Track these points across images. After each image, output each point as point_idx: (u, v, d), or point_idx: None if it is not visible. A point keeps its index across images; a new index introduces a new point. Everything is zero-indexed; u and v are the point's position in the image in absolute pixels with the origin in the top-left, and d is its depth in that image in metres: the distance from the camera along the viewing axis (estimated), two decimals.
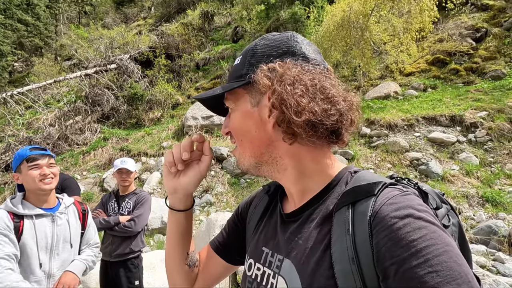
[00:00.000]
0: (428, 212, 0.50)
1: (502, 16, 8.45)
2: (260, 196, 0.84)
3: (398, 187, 0.56)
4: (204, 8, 14.52)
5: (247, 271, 0.73)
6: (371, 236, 0.50)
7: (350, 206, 0.56)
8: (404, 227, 0.47)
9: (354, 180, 0.61)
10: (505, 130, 5.86)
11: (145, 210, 2.80)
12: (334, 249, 0.54)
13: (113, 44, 13.35)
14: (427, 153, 6.01)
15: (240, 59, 0.70)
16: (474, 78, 7.70)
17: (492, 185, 5.17)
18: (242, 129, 0.68)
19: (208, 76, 11.52)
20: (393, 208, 0.50)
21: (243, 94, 0.67)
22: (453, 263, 0.44)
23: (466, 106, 6.48)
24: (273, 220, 0.74)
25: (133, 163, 2.88)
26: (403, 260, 0.45)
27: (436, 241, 0.46)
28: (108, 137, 9.74)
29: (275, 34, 0.69)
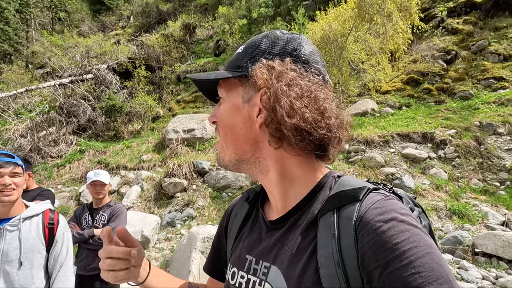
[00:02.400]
0: (410, 215, 0.52)
1: (470, 40, 9.13)
2: (240, 204, 0.82)
3: (381, 192, 0.57)
4: (185, 20, 14.57)
5: (230, 280, 0.71)
6: (356, 240, 0.51)
7: (335, 211, 0.56)
8: (388, 230, 0.49)
9: (338, 185, 0.62)
10: (471, 147, 6.29)
11: (121, 222, 2.77)
12: (320, 254, 0.54)
13: (90, 53, 13.04)
14: (401, 168, 6.31)
15: (242, 49, 0.68)
16: (445, 98, 8.22)
17: (459, 199, 5.51)
18: (228, 122, 0.66)
19: (190, 89, 11.51)
20: (378, 212, 0.52)
21: (236, 86, 0.66)
22: (435, 264, 0.46)
23: (437, 124, 6.90)
24: (255, 227, 0.73)
25: (107, 175, 2.86)
26: (387, 262, 0.47)
27: (418, 243, 0.47)
28: (84, 149, 9.43)
29: (284, 32, 0.68)
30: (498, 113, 6.85)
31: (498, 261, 3.77)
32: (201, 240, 4.70)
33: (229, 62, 0.70)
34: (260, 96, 0.62)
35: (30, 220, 1.65)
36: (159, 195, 7.08)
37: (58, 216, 1.77)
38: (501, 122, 6.58)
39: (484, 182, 5.87)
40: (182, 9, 17.58)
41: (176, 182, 6.97)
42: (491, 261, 3.84)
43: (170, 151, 8.13)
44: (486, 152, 6.19)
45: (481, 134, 6.51)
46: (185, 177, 7.09)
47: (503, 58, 8.44)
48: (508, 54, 8.43)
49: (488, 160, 6.12)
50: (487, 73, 8.28)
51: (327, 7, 9.03)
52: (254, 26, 12.14)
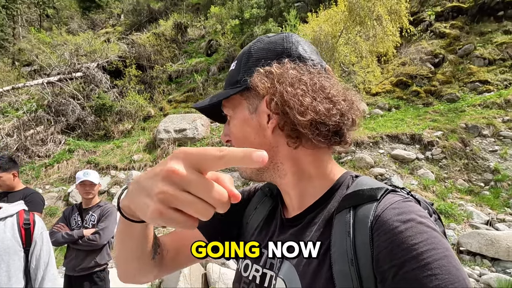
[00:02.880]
0: (428, 218, 0.51)
1: (457, 44, 9.36)
2: (260, 198, 0.81)
3: (400, 193, 0.57)
4: (177, 19, 14.49)
5: (242, 272, 0.71)
6: (371, 239, 0.51)
7: (352, 209, 0.56)
8: (406, 231, 0.48)
9: (355, 185, 0.62)
10: (457, 149, 6.47)
11: (111, 223, 2.76)
12: (334, 250, 0.54)
13: (79, 51, 12.85)
14: (390, 169, 6.43)
15: (235, 64, 0.69)
16: (433, 100, 8.42)
17: (446, 199, 5.66)
18: (242, 137, 0.67)
19: (181, 89, 11.46)
20: (396, 213, 0.51)
21: (240, 101, 0.66)
22: (452, 268, 0.45)
23: (425, 126, 7.06)
24: (273, 223, 0.74)
25: (96, 175, 2.85)
26: (403, 262, 0.46)
27: (436, 246, 0.46)
28: (73, 149, 9.29)
29: (270, 36, 0.69)
30: (483, 116, 7.06)
31: (482, 259, 3.90)
32: None
33: (226, 81, 0.71)
34: (266, 102, 0.62)
35: (4, 221, 1.62)
36: None
37: (34, 217, 1.73)
38: (486, 124, 6.78)
39: (469, 183, 6.04)
40: (173, 8, 17.47)
41: None
42: (475, 259, 3.97)
43: (162, 151, 8.09)
44: (472, 154, 6.37)
45: (466, 136, 6.69)
46: None
47: (488, 62, 8.69)
48: (492, 59, 8.69)
49: (473, 161, 6.30)
50: (473, 76, 8.51)
51: (318, 9, 9.14)
52: (246, 27, 12.17)
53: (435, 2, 10.47)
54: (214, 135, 8.44)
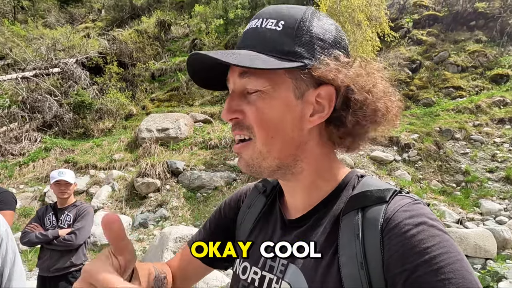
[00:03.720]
0: (439, 221, 0.50)
1: (433, 51, 9.80)
2: (254, 195, 0.77)
3: (409, 195, 0.55)
4: (160, 17, 14.28)
5: (240, 274, 0.68)
6: (382, 242, 0.50)
7: (359, 211, 0.54)
8: (418, 234, 0.47)
9: (361, 185, 0.60)
10: (431, 151, 6.78)
11: (87, 223, 2.74)
12: (342, 253, 0.53)
13: (57, 46, 12.42)
14: (369, 170, 6.66)
15: (281, 26, 0.56)
16: (410, 104, 8.77)
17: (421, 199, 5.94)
18: (277, 123, 0.56)
19: (165, 88, 11.32)
20: (407, 216, 0.50)
21: (285, 79, 0.56)
22: (465, 272, 0.44)
23: (402, 129, 7.35)
24: (271, 223, 0.70)
25: (72, 174, 2.82)
26: (416, 266, 0.45)
27: (449, 249, 0.46)
28: (50, 147, 8.98)
29: (321, 14, 0.60)
30: (456, 120, 7.44)
31: None
32: (173, 240, 4.71)
33: (262, 41, 0.56)
34: (319, 93, 0.56)
35: None
36: (131, 195, 6.93)
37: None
38: (458, 128, 7.15)
39: (442, 184, 6.36)
40: (157, 5, 17.19)
41: (149, 182, 6.86)
42: None
43: (143, 151, 7.97)
44: (445, 156, 6.71)
45: (440, 139, 7.03)
46: (158, 177, 7.00)
47: (461, 69, 9.16)
48: (465, 66, 9.15)
49: (446, 163, 6.63)
50: (447, 82, 8.94)
51: None
52: (230, 27, 12.18)
53: (413, 10, 10.90)
54: (197, 135, 8.41)
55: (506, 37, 9.27)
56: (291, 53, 0.54)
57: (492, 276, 3.35)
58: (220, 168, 7.13)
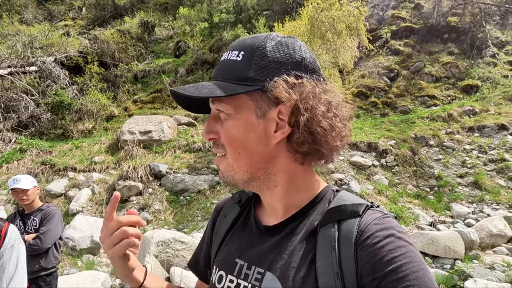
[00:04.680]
0: (405, 233, 0.56)
1: (410, 61, 10.26)
2: (230, 205, 0.81)
3: (379, 209, 0.60)
4: (143, 18, 14.12)
5: (216, 283, 0.70)
6: (356, 253, 0.54)
7: (335, 224, 0.58)
8: (387, 245, 0.52)
9: (337, 199, 0.64)
10: (407, 157, 7.11)
11: (52, 226, 2.73)
12: (319, 263, 0.56)
13: (34, 44, 12.03)
14: (348, 174, 6.88)
15: (242, 56, 0.62)
16: (389, 111, 9.14)
17: (397, 203, 6.20)
18: (242, 141, 0.62)
19: (148, 89, 11.19)
20: (378, 228, 0.55)
21: (246, 101, 0.61)
22: (427, 279, 0.49)
23: (380, 135, 7.66)
24: (246, 231, 0.72)
25: (29, 179, 2.78)
26: (385, 274, 0.50)
27: (413, 259, 0.51)
28: (26, 148, 8.67)
29: (283, 36, 0.65)
30: (430, 127, 7.83)
31: (424, 257, 4.37)
32: (155, 244, 4.69)
33: (223, 70, 0.64)
34: (279, 110, 0.60)
35: None
36: None
37: (8, 227, 1.63)
38: (432, 135, 7.54)
39: (417, 188, 6.67)
40: (140, 6, 16.97)
41: (131, 185, 6.79)
42: None
43: (125, 153, 7.86)
44: (419, 162, 7.04)
45: (415, 145, 7.38)
46: (140, 180, 6.93)
47: (435, 79, 9.65)
48: (439, 76, 9.66)
49: (421, 169, 6.96)
50: (423, 91, 9.39)
51: (285, 19, 9.49)
52: (215, 31, 12.23)
53: (391, 22, 11.38)
54: (181, 138, 8.38)
55: (476, 50, 9.87)
56: (248, 79, 0.60)
57: (459, 275, 3.60)
58: (203, 171, 7.16)
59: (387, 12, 11.53)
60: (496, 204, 5.66)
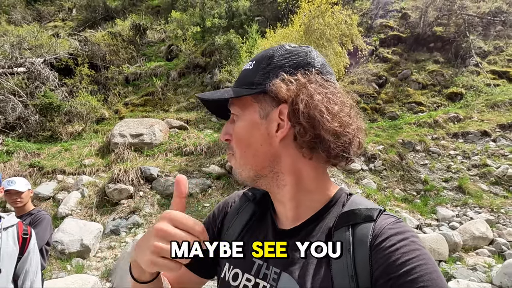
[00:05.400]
0: (418, 237, 0.58)
1: (397, 69, 10.55)
2: (243, 202, 0.81)
3: (392, 214, 0.62)
4: (135, 20, 14.09)
5: (231, 281, 0.69)
6: (370, 257, 0.56)
7: (350, 227, 0.60)
8: (401, 248, 0.54)
9: (350, 203, 0.65)
10: (395, 162, 7.30)
11: (41, 230, 2.67)
12: (334, 266, 0.58)
13: (23, 44, 11.87)
14: (338, 178, 7.02)
15: (253, 65, 0.68)
16: (377, 117, 9.36)
17: (385, 206, 6.36)
18: (247, 140, 0.66)
19: (139, 92, 11.15)
20: (392, 233, 0.57)
21: (251, 103, 0.66)
22: (439, 281, 0.51)
23: (369, 140, 7.84)
24: (262, 230, 0.73)
25: (23, 182, 2.77)
26: (400, 276, 0.52)
27: (427, 261, 0.53)
28: (13, 150, 8.51)
29: (293, 46, 0.69)
30: (417, 133, 8.06)
31: None
32: None
33: (239, 79, 0.70)
34: (279, 112, 0.63)
35: (7, 230, 1.85)
36: (102, 201, 6.77)
37: (31, 229, 2.01)
38: (419, 140, 7.76)
39: (404, 192, 6.85)
40: (132, 8, 16.94)
41: (121, 189, 6.75)
42: None
43: (116, 156, 7.82)
44: (407, 166, 7.24)
45: (403, 150, 7.59)
46: (131, 183, 6.91)
47: (422, 86, 9.95)
48: (425, 83, 9.96)
49: (408, 173, 7.16)
50: (410, 98, 9.66)
51: (277, 25, 9.65)
52: (207, 35, 12.31)
53: (379, 30, 11.70)
54: (173, 141, 8.39)
55: (460, 59, 10.23)
56: (254, 83, 0.65)
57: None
58: (195, 175, 7.18)
59: (376, 20, 11.85)
60: (479, 208, 5.87)
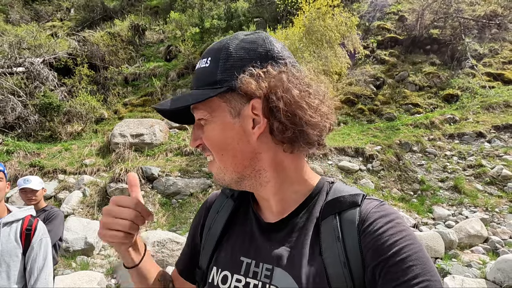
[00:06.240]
0: (402, 218, 0.59)
1: (394, 70, 10.71)
2: (221, 200, 0.78)
3: (374, 197, 0.64)
4: (134, 21, 14.13)
5: (220, 284, 0.67)
6: (360, 241, 0.57)
7: (337, 215, 0.61)
8: (388, 230, 0.56)
9: (334, 191, 0.66)
10: (392, 162, 7.44)
11: (55, 226, 2.78)
12: (326, 255, 0.58)
13: (21, 44, 11.89)
14: (337, 178, 7.15)
15: (209, 62, 0.63)
16: (375, 118, 9.50)
17: None
18: (222, 142, 0.63)
19: (138, 92, 11.20)
20: (378, 216, 0.58)
21: (219, 104, 0.62)
22: (426, 259, 0.53)
23: (367, 141, 7.97)
24: (247, 227, 0.71)
25: (38, 180, 2.87)
26: (389, 257, 0.53)
27: (413, 241, 0.55)
28: (13, 150, 8.53)
29: (247, 34, 0.65)
30: (414, 134, 8.20)
31: None
32: (151, 244, 4.79)
33: (197, 80, 0.65)
34: (252, 106, 0.60)
35: (11, 225, 1.78)
36: (104, 201, 6.83)
37: (38, 223, 1.88)
38: (415, 141, 7.91)
39: (401, 192, 6.98)
40: (130, 9, 16.97)
41: (123, 188, 6.81)
42: None
43: (117, 156, 7.87)
44: (404, 167, 7.38)
45: (400, 151, 7.73)
46: None
47: (419, 88, 10.11)
48: (422, 85, 10.12)
49: (405, 173, 7.29)
50: (407, 99, 9.81)
51: (276, 27, 9.76)
52: (206, 36, 12.39)
53: (377, 32, 11.85)
54: (173, 141, 8.46)
55: (456, 61, 10.40)
56: (217, 82, 0.61)
57: (439, 273, 3.86)
58: (195, 174, 7.26)
59: (373, 23, 12.00)
60: (474, 207, 6.02)
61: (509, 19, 10.99)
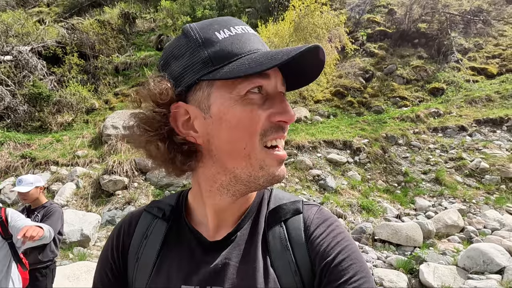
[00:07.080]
0: (338, 220, 0.63)
1: (383, 63, 10.91)
2: (147, 221, 0.67)
3: (312, 203, 0.66)
4: (124, 8, 13.88)
5: None
6: (307, 248, 0.59)
7: (282, 224, 0.62)
8: (330, 233, 0.59)
9: (274, 199, 0.67)
10: (378, 155, 7.73)
11: (53, 222, 2.89)
12: (277, 265, 0.58)
13: (9, 32, 11.61)
14: (325, 170, 7.40)
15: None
16: (364, 110, 9.74)
17: (368, 197, 6.77)
18: None
19: (129, 82, 11.15)
20: (320, 221, 0.61)
21: None
22: (361, 258, 0.57)
23: (355, 134, 8.23)
24: (184, 250, 0.63)
25: (29, 181, 2.96)
26: (332, 259, 0.56)
27: (350, 242, 0.59)
28: (3, 141, 8.50)
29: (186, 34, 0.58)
30: (400, 127, 8.49)
31: (389, 245, 4.95)
32: None
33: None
34: None
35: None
36: (97, 192, 6.95)
37: (5, 212, 2.23)
38: (401, 135, 8.20)
39: (386, 183, 7.29)
40: None
41: (116, 180, 6.94)
42: (384, 245, 5.01)
43: (109, 147, 7.95)
44: (389, 159, 7.68)
45: (386, 144, 8.02)
46: (126, 175, 7.09)
47: (406, 81, 10.36)
48: (410, 78, 10.37)
49: (390, 166, 7.60)
50: (395, 92, 10.07)
51: (268, 18, 9.79)
52: None
53: (366, 25, 11.98)
54: None
55: (442, 55, 10.66)
56: None
57: (416, 260, 4.18)
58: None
59: (363, 15, 12.11)
60: (453, 198, 6.37)
61: (493, 15, 11.25)
